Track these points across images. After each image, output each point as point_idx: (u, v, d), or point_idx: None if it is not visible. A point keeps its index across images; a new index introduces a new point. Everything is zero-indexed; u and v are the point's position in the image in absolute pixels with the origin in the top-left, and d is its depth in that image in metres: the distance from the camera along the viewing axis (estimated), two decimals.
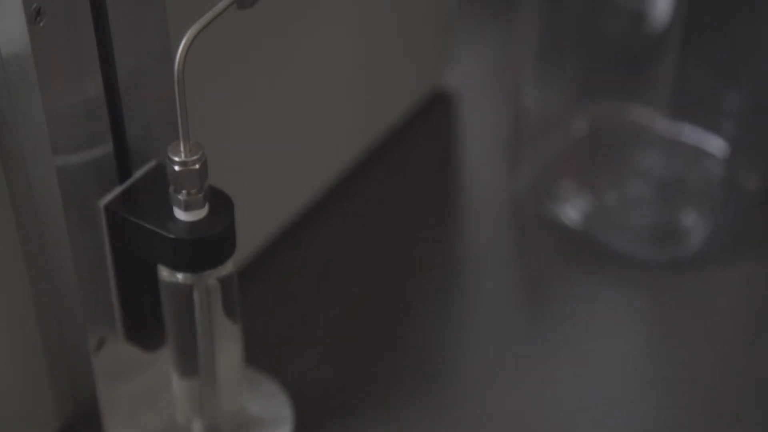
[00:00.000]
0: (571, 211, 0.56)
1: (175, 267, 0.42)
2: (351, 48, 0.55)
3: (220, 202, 0.41)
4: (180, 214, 0.41)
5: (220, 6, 0.39)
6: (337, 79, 0.55)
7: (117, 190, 0.42)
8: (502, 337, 0.53)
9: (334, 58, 0.54)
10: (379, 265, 0.55)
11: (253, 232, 0.52)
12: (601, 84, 0.58)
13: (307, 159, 0.55)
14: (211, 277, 0.42)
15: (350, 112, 0.57)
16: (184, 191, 0.40)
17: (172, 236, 0.40)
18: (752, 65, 0.53)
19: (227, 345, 0.45)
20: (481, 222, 0.58)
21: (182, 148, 0.40)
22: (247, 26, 0.47)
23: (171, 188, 0.40)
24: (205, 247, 0.41)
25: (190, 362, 0.44)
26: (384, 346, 0.52)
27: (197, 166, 0.40)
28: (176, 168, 0.40)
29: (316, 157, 0.56)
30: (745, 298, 0.55)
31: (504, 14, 0.57)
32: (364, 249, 0.56)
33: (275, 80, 0.51)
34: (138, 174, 0.42)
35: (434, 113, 0.62)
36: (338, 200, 0.57)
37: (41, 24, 0.37)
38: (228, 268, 0.43)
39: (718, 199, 0.57)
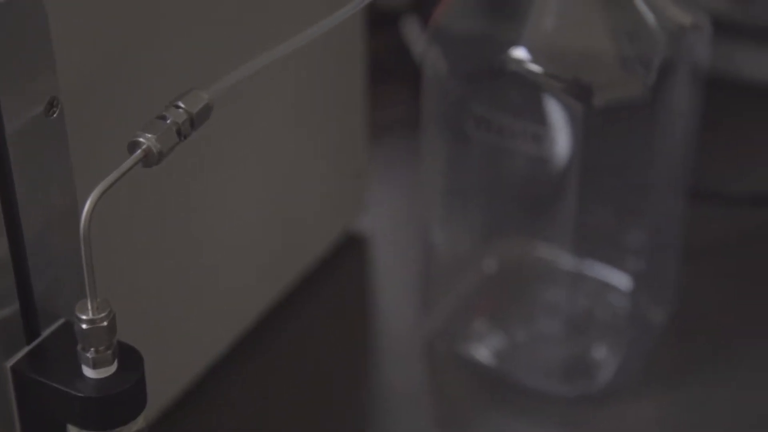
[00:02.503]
0: (484, 349, 0.57)
1: (85, 426, 0.41)
2: (263, 194, 0.56)
3: (130, 357, 0.42)
4: (88, 372, 0.41)
5: (125, 165, 0.40)
6: (249, 226, 0.56)
7: (24, 350, 0.42)
8: None
9: (245, 204, 0.55)
10: (294, 410, 0.56)
11: (165, 384, 0.52)
12: (507, 223, 0.60)
13: (220, 306, 0.55)
14: None
15: (263, 258, 0.57)
16: (92, 349, 0.40)
17: (80, 395, 0.40)
18: (650, 202, 0.55)
19: None
20: (396, 364, 0.59)
21: (90, 306, 0.40)
22: (156, 176, 0.48)
23: (79, 346, 0.41)
24: (114, 404, 0.41)
25: None
26: None
27: (105, 324, 0.40)
28: (84, 326, 0.40)
29: (229, 303, 0.56)
30: (656, 430, 0.56)
31: (412, 158, 0.59)
32: (279, 395, 0.56)
33: (185, 229, 0.52)
34: (46, 333, 0.42)
35: (347, 257, 0.63)
36: (251, 346, 0.58)
37: None
38: (139, 423, 0.43)
39: (625, 332, 0.58)
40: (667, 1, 0.51)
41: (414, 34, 0.74)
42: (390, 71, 0.72)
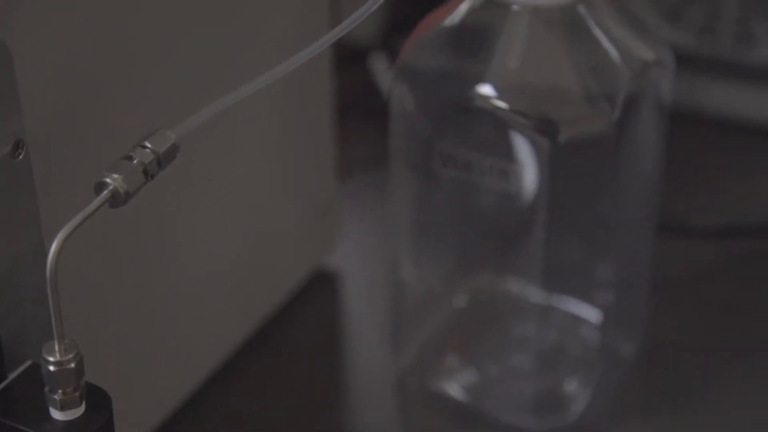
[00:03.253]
0: (456, 385, 0.57)
1: None
2: (232, 231, 0.56)
3: (98, 399, 0.41)
4: (56, 414, 0.40)
5: (92, 206, 0.40)
6: (218, 264, 0.56)
7: None
8: None
9: (214, 242, 0.55)
10: None
11: (134, 424, 0.52)
12: (477, 257, 0.60)
13: (189, 344, 0.55)
14: None
15: (232, 296, 0.57)
16: (59, 391, 0.40)
17: None
18: (618, 236, 0.55)
19: None
20: (367, 400, 0.59)
21: (57, 348, 0.40)
22: (123, 215, 0.48)
23: (46, 388, 0.40)
24: None
25: None
26: None
27: (72, 365, 0.40)
28: (51, 368, 0.40)
29: (198, 342, 0.56)
30: None
31: (381, 194, 0.59)
32: None
33: (154, 267, 0.52)
34: (13, 375, 0.42)
35: (317, 293, 0.63)
36: (221, 384, 0.58)
37: None
38: None
39: (596, 365, 0.58)
40: (631, 38, 0.52)
41: (382, 71, 0.74)
42: (358, 108, 0.72)
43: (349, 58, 0.76)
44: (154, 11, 0.48)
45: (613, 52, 0.51)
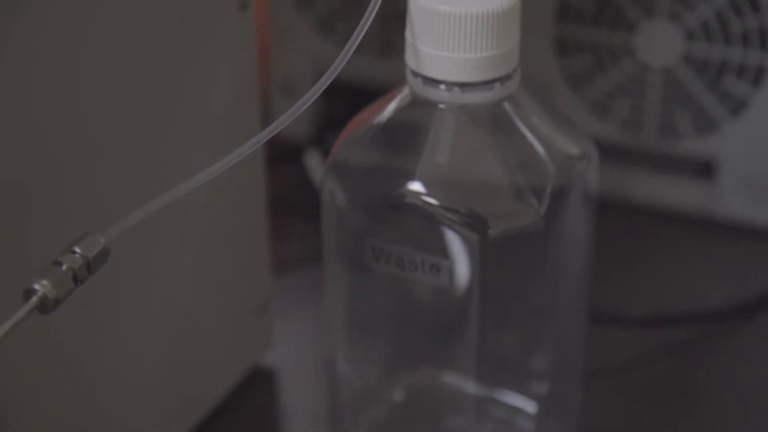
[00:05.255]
0: None
1: None
2: (164, 334, 0.56)
3: None
4: None
5: (20, 313, 0.40)
6: (150, 367, 0.55)
7: None
8: None
9: (145, 345, 0.55)
10: None
11: None
12: (413, 351, 0.60)
13: None
14: None
15: (166, 399, 0.57)
16: None
17: None
18: (551, 327, 0.56)
19: None
20: None
21: None
22: (51, 320, 0.48)
23: None
24: None
25: None
26: None
27: None
28: None
29: None
30: None
31: (317, 291, 0.59)
32: None
33: (83, 373, 0.51)
34: None
35: (254, 393, 0.63)
36: None
37: None
38: None
39: None
40: (555, 133, 0.53)
41: (316, 167, 0.75)
42: (292, 204, 0.73)
43: (282, 154, 0.76)
44: (82, 115, 0.48)
45: (539, 147, 0.52)
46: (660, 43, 0.73)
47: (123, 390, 0.54)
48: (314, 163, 0.75)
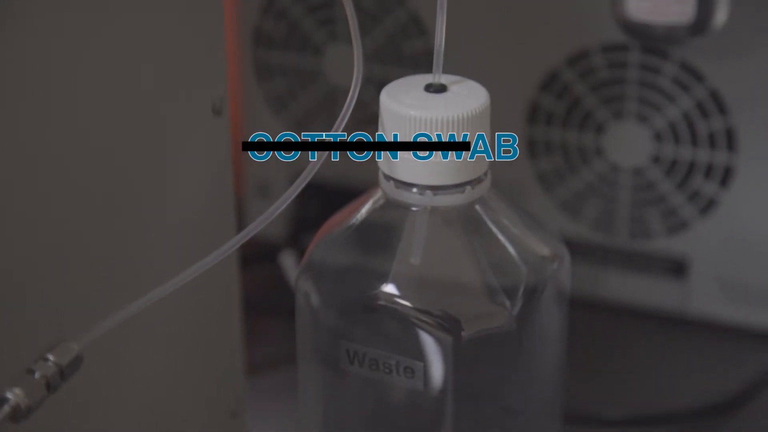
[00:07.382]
0: None
1: None
2: None
3: None
4: None
5: None
6: None
7: None
8: None
9: None
10: None
11: None
12: None
13: None
14: None
15: None
16: None
17: None
18: (525, 427, 0.56)
19: None
20: None
21: None
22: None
23: None
24: None
25: None
26: None
27: None
28: None
29: None
30: None
31: (291, 392, 0.59)
32: None
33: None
34: None
35: None
36: None
37: None
38: None
39: None
40: (526, 233, 0.53)
41: (290, 268, 0.75)
42: (267, 305, 0.73)
43: (257, 254, 0.77)
44: (56, 217, 0.48)
45: (511, 249, 0.52)
46: (629, 145, 0.74)
47: None
48: (289, 264, 0.76)
